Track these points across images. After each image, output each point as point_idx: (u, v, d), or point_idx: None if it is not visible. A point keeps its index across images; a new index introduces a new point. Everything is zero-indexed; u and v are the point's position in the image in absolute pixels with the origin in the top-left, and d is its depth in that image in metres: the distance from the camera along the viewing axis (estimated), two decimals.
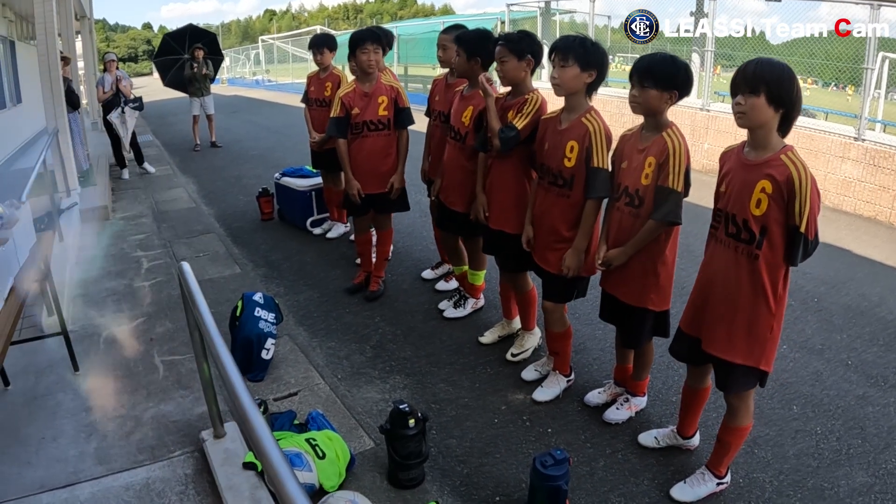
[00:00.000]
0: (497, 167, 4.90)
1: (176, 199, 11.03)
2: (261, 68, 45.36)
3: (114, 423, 4.50)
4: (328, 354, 5.53)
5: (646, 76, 3.73)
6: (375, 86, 5.91)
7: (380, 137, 5.98)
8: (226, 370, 2.44)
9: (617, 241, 4.02)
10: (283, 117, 22.65)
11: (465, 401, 4.76)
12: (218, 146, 16.45)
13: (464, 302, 6.09)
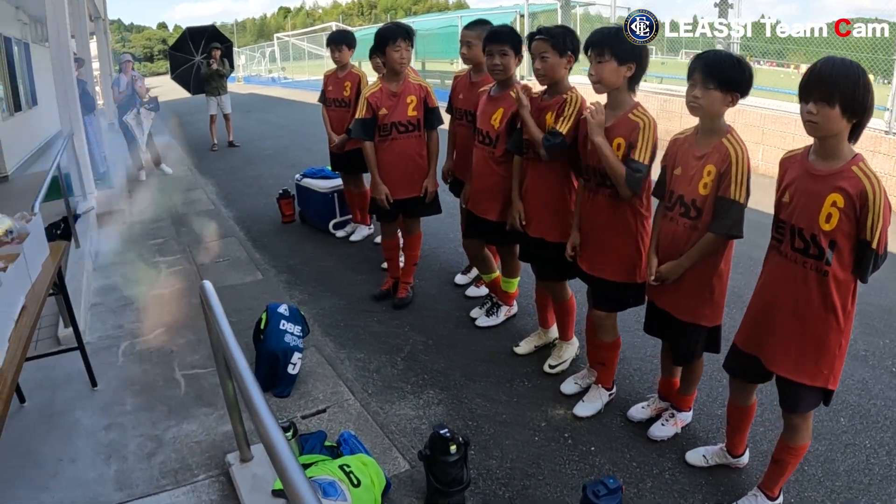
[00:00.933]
0: (534, 171, 4.63)
1: (195, 202, 10.83)
2: (276, 66, 45.30)
3: (134, 443, 4.30)
4: (357, 367, 5.27)
5: (710, 76, 3.43)
6: (404, 85, 5.65)
7: (409, 139, 5.73)
8: (251, 397, 2.24)
9: (670, 253, 3.77)
10: (299, 115, 22.43)
11: (503, 417, 4.51)
12: (235, 145, 16.29)
13: (496, 310, 5.83)
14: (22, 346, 3.04)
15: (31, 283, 3.80)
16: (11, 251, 3.79)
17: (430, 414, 4.64)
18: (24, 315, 3.39)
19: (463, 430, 4.32)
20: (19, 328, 3.22)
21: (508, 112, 4.82)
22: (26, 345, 3.08)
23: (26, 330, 3.20)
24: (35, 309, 3.49)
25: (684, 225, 3.66)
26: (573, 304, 4.98)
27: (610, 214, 4.12)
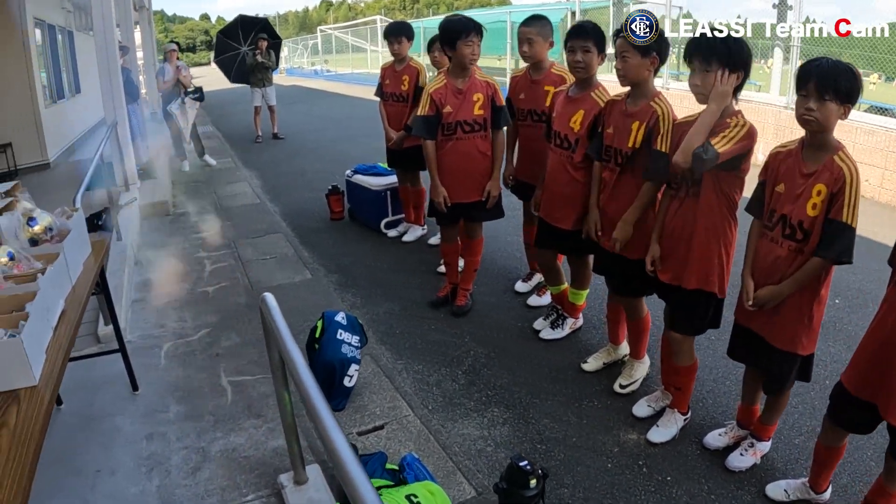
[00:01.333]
0: (615, 180, 4.30)
1: (239, 195, 10.56)
2: (319, 58, 45.30)
3: (178, 455, 3.99)
4: (416, 380, 4.94)
5: (826, 87, 3.06)
6: (470, 82, 5.31)
7: (474, 139, 5.37)
8: (326, 429, 2.03)
9: (769, 276, 3.47)
10: (343, 108, 22.14)
11: (573, 440, 4.18)
12: (280, 138, 16.04)
13: (562, 322, 5.46)
14: (61, 357, 2.73)
15: (72, 285, 3.48)
16: (51, 250, 3.48)
17: (496, 435, 4.31)
18: (63, 321, 3.06)
19: (531, 453, 4.04)
20: (58, 337, 2.89)
21: (590, 114, 4.48)
22: (66, 356, 2.75)
23: (66, 340, 2.88)
24: (76, 315, 3.17)
25: (788, 247, 3.35)
26: (648, 322, 4.65)
27: (696, 221, 3.76)
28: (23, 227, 3.57)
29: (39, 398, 2.44)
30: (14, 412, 2.36)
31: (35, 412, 2.35)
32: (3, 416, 2.35)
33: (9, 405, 2.41)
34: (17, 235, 3.52)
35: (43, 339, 2.75)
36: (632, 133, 4.04)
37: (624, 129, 4.08)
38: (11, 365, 2.46)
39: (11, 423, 2.30)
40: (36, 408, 2.38)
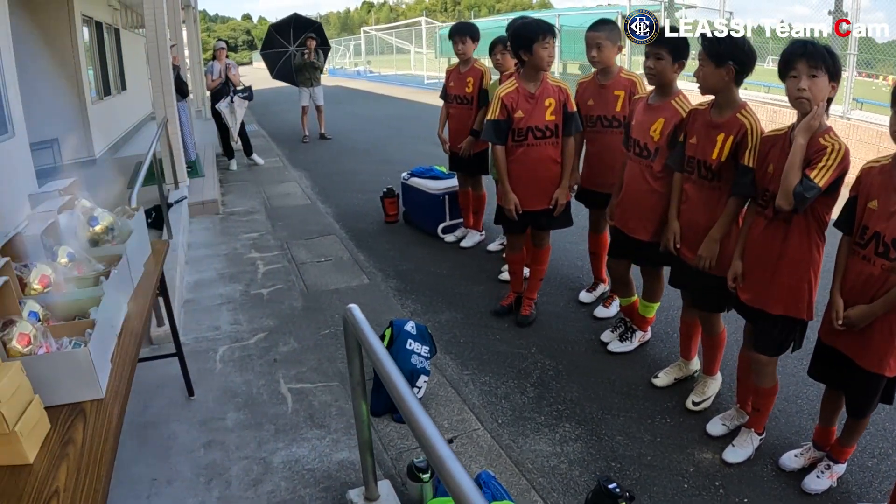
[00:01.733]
0: (698, 192, 4.10)
1: (289, 195, 10.40)
2: (362, 59, 45.37)
3: (238, 466, 3.82)
4: (483, 392, 4.73)
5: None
6: (542, 86, 5.08)
7: (545, 146, 5.17)
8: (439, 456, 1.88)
9: (860, 295, 3.29)
10: (389, 109, 22.01)
11: (647, 459, 3.97)
12: (327, 138, 15.90)
13: (631, 335, 5.23)
14: (128, 368, 2.54)
15: (133, 289, 3.29)
16: (113, 252, 3.31)
17: (569, 451, 4.09)
18: (126, 328, 2.88)
19: (606, 472, 3.85)
20: (123, 345, 2.70)
21: (670, 123, 4.29)
22: (133, 367, 2.55)
23: (131, 348, 2.69)
24: (140, 321, 2.98)
25: (881, 266, 3.15)
26: (724, 338, 4.43)
27: (784, 244, 3.58)
28: (83, 226, 3.39)
29: (107, 413, 2.25)
30: (80, 428, 2.18)
31: (104, 428, 2.17)
32: (69, 432, 2.16)
33: (74, 420, 2.23)
34: (76, 235, 3.34)
35: (108, 348, 2.56)
36: (717, 145, 3.86)
37: (708, 140, 3.90)
38: (77, 376, 2.28)
39: (79, 440, 2.11)
40: (104, 423, 2.20)
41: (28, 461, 2.01)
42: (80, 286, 2.92)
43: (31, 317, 2.46)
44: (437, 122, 7.50)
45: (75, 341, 2.41)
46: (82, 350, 2.27)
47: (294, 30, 16.63)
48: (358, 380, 2.98)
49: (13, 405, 2.00)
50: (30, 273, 2.77)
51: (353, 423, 4.07)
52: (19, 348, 2.25)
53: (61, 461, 2.01)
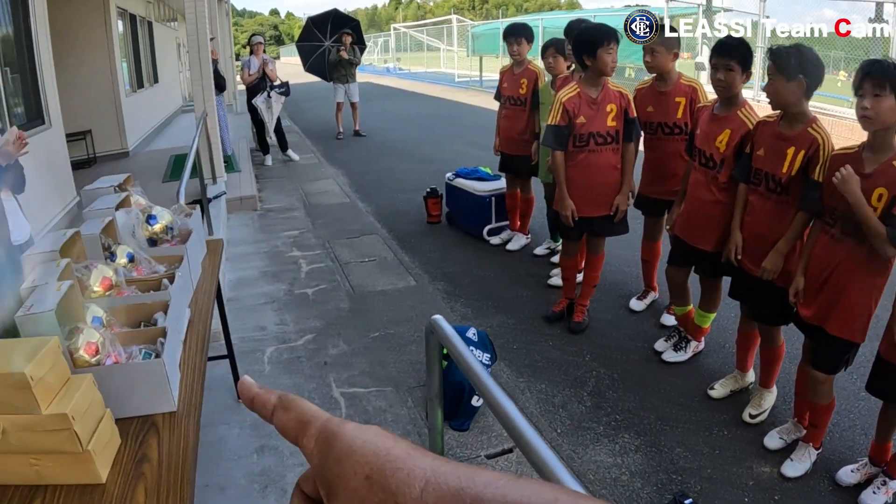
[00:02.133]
0: (764, 205, 4.00)
1: (326, 192, 10.28)
2: (390, 56, 45.32)
3: (293, 473, 3.70)
4: (540, 400, 4.62)
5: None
6: (604, 92, 4.98)
7: (606, 152, 5.06)
8: None
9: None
10: (423, 107, 21.83)
11: (707, 472, 3.87)
12: (362, 135, 15.73)
13: (685, 345, 5.09)
14: (199, 377, 2.41)
15: (193, 290, 3.16)
16: (172, 252, 3.18)
17: (630, 463, 3.97)
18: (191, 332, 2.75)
19: (668, 484, 3.77)
20: (189, 352, 2.57)
21: (737, 135, 4.19)
22: (202, 376, 2.42)
23: (198, 355, 2.56)
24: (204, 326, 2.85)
25: None
26: (783, 352, 4.33)
27: (851, 266, 3.49)
28: (142, 225, 3.26)
29: (182, 428, 2.12)
30: (154, 444, 2.04)
31: (181, 445, 2.03)
32: (142, 449, 2.03)
33: (146, 435, 2.10)
34: (134, 234, 3.21)
35: (176, 356, 2.43)
36: (787, 159, 3.78)
37: (778, 153, 3.82)
38: (150, 389, 2.15)
39: (154, 458, 1.98)
40: (180, 439, 2.06)
41: (101, 481, 1.88)
42: (142, 289, 2.78)
43: (94, 322, 2.32)
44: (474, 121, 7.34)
45: (145, 350, 2.28)
46: (157, 361, 2.14)
47: (332, 25, 16.50)
48: (437, 392, 2.82)
49: (86, 422, 1.87)
50: (90, 275, 2.63)
51: (409, 430, 4.05)
52: (87, 358, 2.12)
53: (137, 481, 1.88)
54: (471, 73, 29.50)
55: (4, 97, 6.30)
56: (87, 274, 2.61)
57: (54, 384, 1.84)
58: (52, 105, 8.08)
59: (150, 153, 13.12)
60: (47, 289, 2.12)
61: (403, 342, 5.18)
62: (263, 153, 12.52)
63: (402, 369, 4.81)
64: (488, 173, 7.86)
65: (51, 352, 1.84)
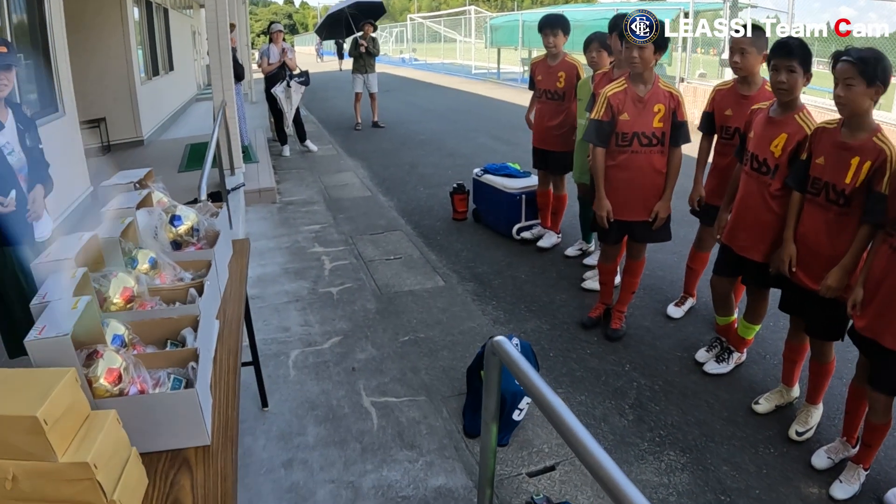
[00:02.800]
0: (824, 215, 3.76)
1: (347, 185, 10.02)
2: (406, 46, 45.14)
3: (325, 490, 3.50)
4: (581, 413, 4.36)
5: None
6: (652, 90, 4.75)
7: (651, 154, 4.83)
8: None
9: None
10: (443, 99, 21.50)
11: (756, 492, 3.69)
12: (381, 126, 15.51)
13: (727, 356, 4.85)
14: (233, 402, 2.15)
15: (221, 297, 2.91)
16: (198, 257, 2.92)
17: (676, 482, 3.75)
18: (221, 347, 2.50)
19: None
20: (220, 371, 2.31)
21: (793, 140, 3.96)
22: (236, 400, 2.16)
23: (231, 376, 2.30)
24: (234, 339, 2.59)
25: None
26: (833, 368, 4.14)
27: None
28: (165, 226, 2.99)
29: (218, 466, 1.87)
30: (188, 486, 1.80)
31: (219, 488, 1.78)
32: (173, 491, 1.78)
33: (177, 474, 1.85)
34: (156, 236, 2.94)
35: (206, 378, 2.16)
36: (851, 169, 3.55)
37: (840, 162, 3.60)
38: (182, 421, 1.90)
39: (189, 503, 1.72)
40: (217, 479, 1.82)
41: None
42: (166, 299, 2.52)
43: (114, 342, 2.06)
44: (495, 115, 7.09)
45: (175, 377, 2.02)
46: (189, 392, 1.88)
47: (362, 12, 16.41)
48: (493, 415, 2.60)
49: (111, 469, 1.61)
50: (109, 285, 2.36)
51: (445, 444, 3.83)
52: (108, 387, 1.86)
53: None
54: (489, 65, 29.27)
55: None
56: (106, 284, 2.34)
57: (72, 425, 1.59)
58: (66, 93, 7.89)
59: (165, 142, 12.98)
60: (61, 305, 1.86)
61: (435, 347, 4.93)
62: (281, 144, 12.29)
63: (435, 377, 4.57)
64: (518, 170, 7.59)
65: (67, 387, 1.58)
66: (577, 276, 6.42)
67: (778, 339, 4.53)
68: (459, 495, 3.42)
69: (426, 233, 7.95)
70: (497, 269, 6.78)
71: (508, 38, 26.72)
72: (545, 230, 7.35)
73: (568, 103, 6.50)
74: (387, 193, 9.83)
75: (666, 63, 17.38)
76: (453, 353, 4.83)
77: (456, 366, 4.66)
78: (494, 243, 7.54)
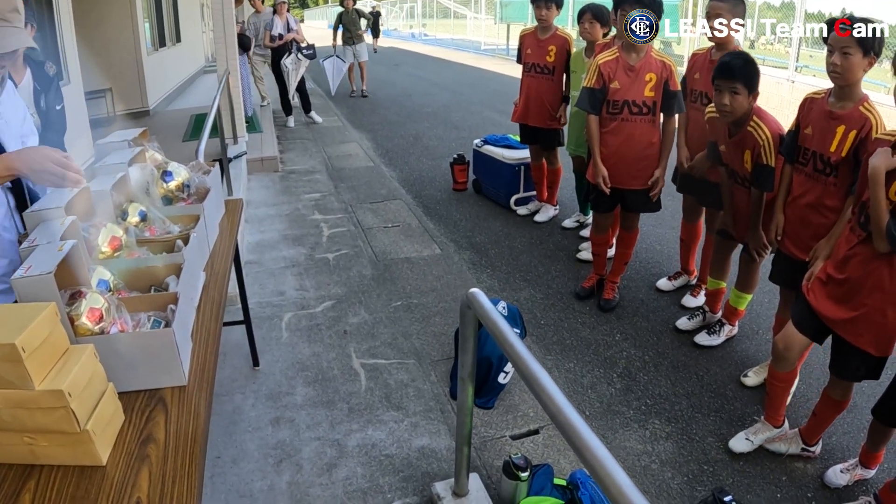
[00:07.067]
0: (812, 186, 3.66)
1: (351, 156, 10.06)
2: (415, 22, 44.91)
3: (310, 447, 3.57)
4: (569, 380, 4.42)
5: None
6: (644, 59, 4.74)
7: (642, 123, 4.83)
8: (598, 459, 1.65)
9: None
10: (451, 73, 21.45)
11: (740, 464, 3.70)
12: (365, 95, 16.02)
13: (719, 328, 4.86)
14: (212, 348, 2.21)
15: (209, 252, 2.96)
16: (188, 212, 2.97)
17: (660, 451, 3.79)
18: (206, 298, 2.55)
19: (699, 476, 3.62)
20: (203, 319, 2.38)
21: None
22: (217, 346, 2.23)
23: (213, 324, 2.37)
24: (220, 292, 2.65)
25: None
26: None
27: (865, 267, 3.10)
28: (156, 181, 3.04)
29: (193, 405, 1.93)
30: (161, 423, 1.86)
31: (191, 425, 1.85)
32: (147, 427, 1.84)
33: (153, 412, 1.91)
34: (148, 192, 2.99)
35: (188, 325, 2.23)
36: (836, 137, 3.45)
37: (827, 131, 3.50)
38: (158, 360, 1.96)
39: (161, 439, 1.79)
40: (191, 418, 1.88)
41: (101, 462, 1.70)
42: (154, 250, 2.58)
43: (100, 286, 2.12)
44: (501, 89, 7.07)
45: (154, 318, 2.08)
46: (165, 331, 1.94)
47: None
48: (470, 371, 2.66)
49: (85, 399, 1.68)
50: (98, 234, 2.42)
51: (431, 406, 3.87)
52: (89, 325, 1.92)
53: (141, 464, 1.70)
54: (498, 42, 29.12)
55: None
56: (95, 233, 2.40)
57: (50, 356, 1.65)
58: (72, 62, 7.92)
59: (171, 112, 12.99)
60: (48, 249, 1.92)
61: (428, 313, 4.99)
62: (286, 115, 12.31)
63: (425, 341, 4.63)
64: (517, 141, 7.56)
65: (46, 320, 1.64)
66: (574, 248, 6.46)
67: (772, 315, 4.52)
68: (442, 456, 3.48)
69: (426, 202, 8.00)
70: (494, 239, 6.82)
71: (518, 14, 26.55)
72: (541, 204, 7.38)
73: (558, 78, 6.48)
74: (389, 164, 9.86)
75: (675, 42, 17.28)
76: (445, 319, 4.88)
77: (447, 331, 4.72)
78: (493, 214, 7.59)
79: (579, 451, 1.70)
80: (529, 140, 7.02)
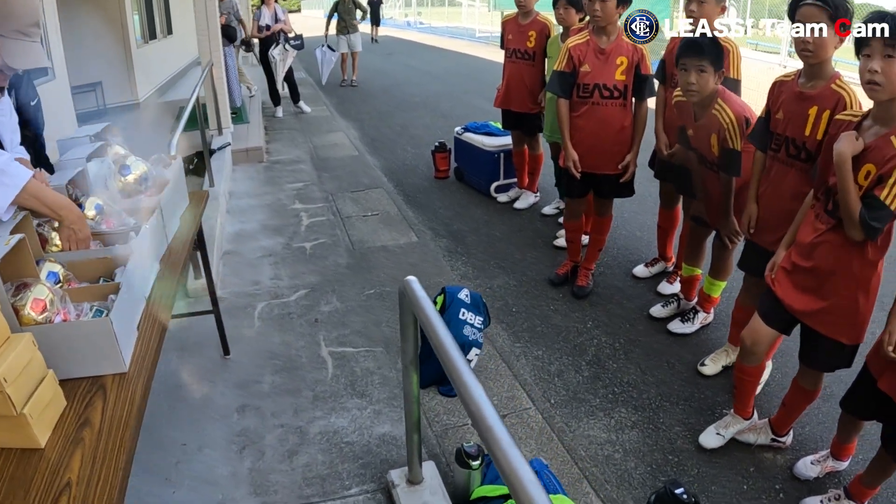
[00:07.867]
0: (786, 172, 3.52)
1: (336, 145, 10.09)
2: (411, 10, 44.81)
3: (273, 434, 3.62)
4: (536, 367, 4.46)
5: None
6: (615, 43, 4.75)
7: (613, 107, 4.83)
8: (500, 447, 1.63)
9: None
10: (444, 62, 21.43)
11: (707, 454, 3.69)
12: (354, 85, 16.21)
13: (693, 316, 4.89)
14: (157, 337, 2.28)
15: (168, 244, 3.03)
16: (146, 204, 3.03)
17: (625, 440, 3.82)
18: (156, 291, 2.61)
19: (663, 465, 3.61)
20: (152, 309, 2.44)
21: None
22: (161, 336, 2.30)
23: (162, 313, 2.42)
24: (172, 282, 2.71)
25: None
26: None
27: (834, 255, 3.05)
28: (114, 175, 3.11)
29: (130, 391, 2.00)
30: (99, 408, 1.93)
31: (126, 409, 1.91)
32: (86, 412, 1.91)
33: (93, 397, 1.98)
34: (106, 185, 3.05)
35: (134, 315, 2.30)
36: (809, 119, 3.29)
37: (799, 114, 3.35)
38: (98, 348, 2.02)
39: (97, 423, 1.86)
40: (126, 403, 1.94)
41: (39, 445, 1.77)
42: (107, 243, 2.65)
43: (49, 278, 2.20)
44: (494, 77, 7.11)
45: (97, 308, 2.16)
46: (103, 319, 2.01)
47: None
48: (411, 358, 2.72)
49: (22, 384, 1.75)
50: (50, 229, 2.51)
51: (396, 394, 3.89)
52: (33, 316, 1.99)
53: (76, 447, 1.77)
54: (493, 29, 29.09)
55: None
56: (48, 227, 2.49)
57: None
58: (57, 57, 7.96)
59: (160, 104, 13.01)
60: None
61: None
62: (274, 105, 12.36)
63: (396, 329, 4.62)
64: (498, 128, 7.59)
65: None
66: (552, 234, 6.51)
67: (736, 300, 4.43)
68: (402, 443, 3.50)
69: (407, 191, 8.06)
70: (474, 227, 6.88)
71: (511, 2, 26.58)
72: (522, 191, 7.43)
73: (539, 63, 6.50)
74: (374, 153, 9.92)
75: None
76: None
77: None
78: (474, 202, 7.65)
79: (466, 403, 1.82)
80: (512, 126, 7.04)
